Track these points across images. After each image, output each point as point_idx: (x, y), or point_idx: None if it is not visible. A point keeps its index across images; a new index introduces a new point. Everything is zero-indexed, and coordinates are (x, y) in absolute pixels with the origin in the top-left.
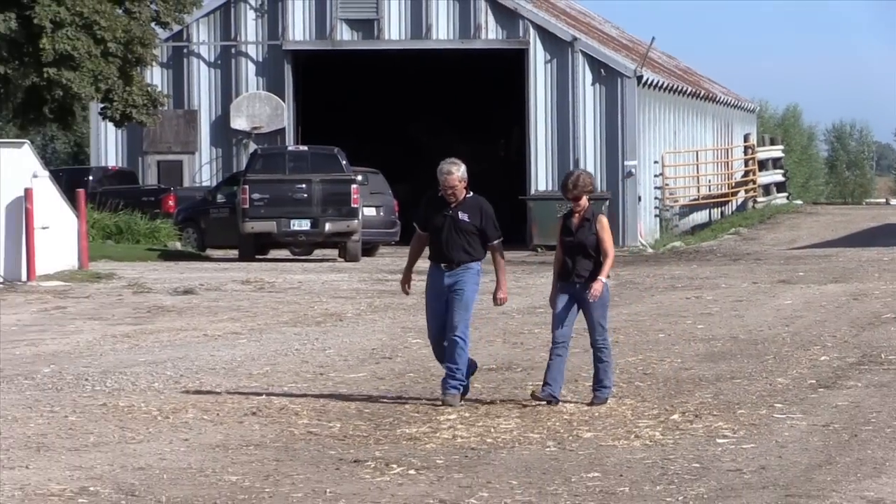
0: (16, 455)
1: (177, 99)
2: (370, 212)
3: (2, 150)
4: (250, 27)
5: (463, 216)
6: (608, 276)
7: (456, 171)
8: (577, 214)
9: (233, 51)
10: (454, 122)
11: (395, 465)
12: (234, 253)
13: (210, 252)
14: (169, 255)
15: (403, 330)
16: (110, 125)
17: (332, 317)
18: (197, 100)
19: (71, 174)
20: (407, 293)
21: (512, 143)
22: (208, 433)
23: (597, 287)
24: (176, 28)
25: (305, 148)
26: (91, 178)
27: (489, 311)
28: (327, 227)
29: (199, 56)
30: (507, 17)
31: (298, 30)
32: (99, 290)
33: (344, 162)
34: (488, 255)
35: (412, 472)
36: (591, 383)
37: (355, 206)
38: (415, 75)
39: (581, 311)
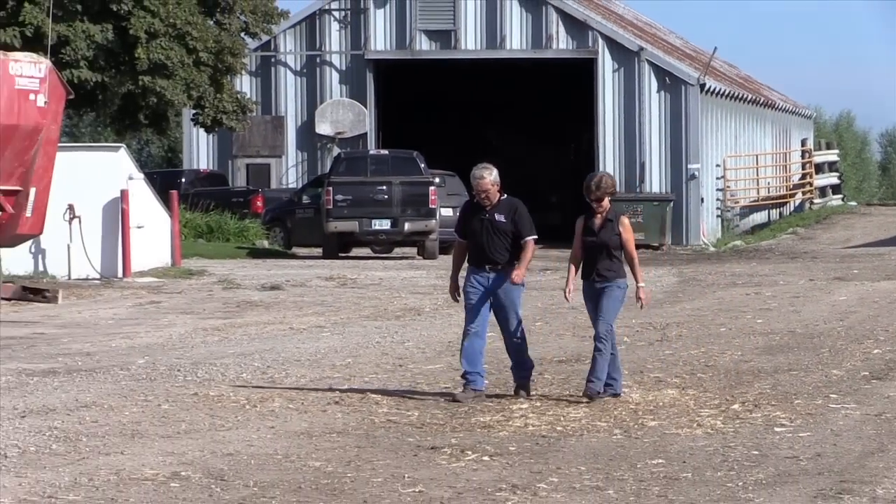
0: (112, 441)
1: (265, 105)
2: (447, 212)
3: (99, 153)
4: (334, 38)
5: (499, 217)
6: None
7: (488, 176)
8: (598, 215)
9: (318, 60)
10: (527, 126)
11: (469, 452)
12: (318, 251)
13: (296, 250)
14: (257, 253)
15: None
16: (202, 130)
17: (411, 311)
18: (284, 106)
19: (164, 176)
20: (457, 300)
21: (581, 147)
22: (293, 421)
23: (646, 295)
24: (264, 38)
25: (386, 152)
26: (183, 180)
27: (559, 306)
28: (406, 226)
29: (285, 65)
30: (578, 29)
31: (380, 40)
32: (191, 286)
33: (422, 165)
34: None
35: (486, 458)
36: (655, 375)
37: (433, 206)
38: (489, 82)
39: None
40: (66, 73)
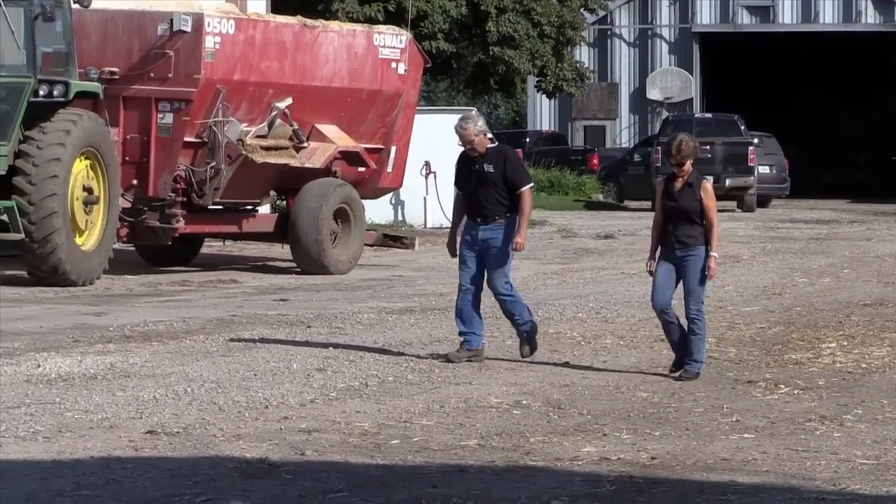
0: (461, 373)
1: (601, 73)
2: (764, 169)
3: (453, 115)
4: (664, 13)
5: (488, 167)
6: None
7: (471, 126)
8: (679, 179)
9: (649, 32)
10: (836, 93)
11: (782, 386)
12: (647, 204)
13: (627, 203)
14: (592, 206)
15: (791, 270)
16: (544, 95)
17: (731, 258)
18: (618, 74)
19: (511, 136)
20: (454, 256)
21: (887, 110)
22: (623, 356)
23: (713, 265)
24: (601, 13)
25: (710, 115)
26: (528, 139)
27: (865, 254)
28: (728, 182)
29: (620, 37)
30: (884, 5)
31: (705, 15)
32: (533, 235)
33: (742, 127)
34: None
35: (797, 391)
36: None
37: (752, 164)
38: (802, 53)
39: (681, 280)
40: (424, 44)
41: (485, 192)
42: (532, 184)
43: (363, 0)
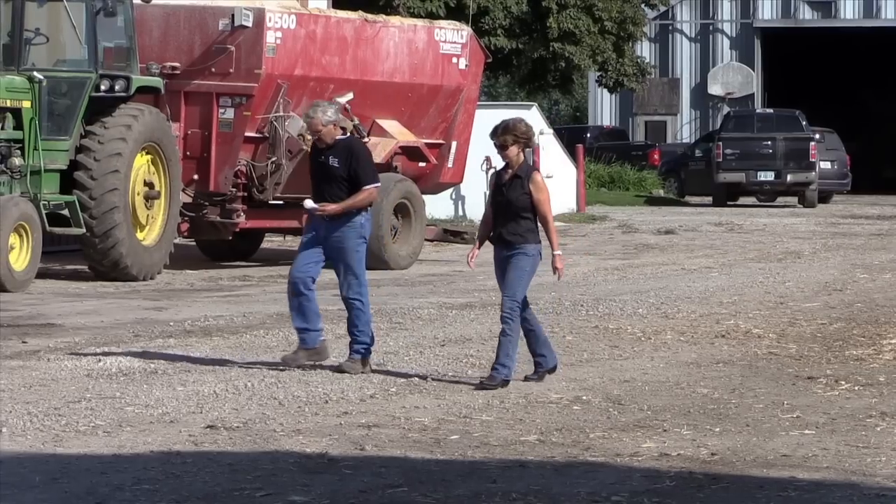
0: (520, 368)
1: (662, 68)
2: (826, 165)
3: (514, 111)
4: (725, 8)
5: (334, 161)
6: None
7: (319, 115)
8: (508, 171)
9: (710, 28)
10: None
11: (843, 382)
12: (708, 199)
13: (688, 198)
14: (653, 201)
15: (853, 266)
16: (605, 90)
17: (792, 254)
18: (679, 69)
19: (571, 132)
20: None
21: None
22: (683, 352)
23: (559, 265)
24: (662, 9)
25: (771, 110)
26: (588, 135)
27: None
28: (789, 178)
29: (681, 32)
30: None
31: (767, 10)
32: (593, 230)
33: (804, 122)
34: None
35: (858, 388)
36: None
37: (813, 160)
38: (865, 48)
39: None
40: (484, 39)
41: (329, 187)
42: (378, 184)
43: None
